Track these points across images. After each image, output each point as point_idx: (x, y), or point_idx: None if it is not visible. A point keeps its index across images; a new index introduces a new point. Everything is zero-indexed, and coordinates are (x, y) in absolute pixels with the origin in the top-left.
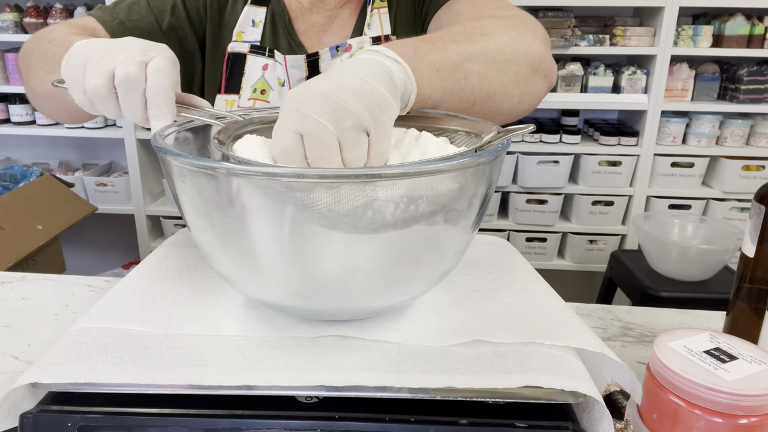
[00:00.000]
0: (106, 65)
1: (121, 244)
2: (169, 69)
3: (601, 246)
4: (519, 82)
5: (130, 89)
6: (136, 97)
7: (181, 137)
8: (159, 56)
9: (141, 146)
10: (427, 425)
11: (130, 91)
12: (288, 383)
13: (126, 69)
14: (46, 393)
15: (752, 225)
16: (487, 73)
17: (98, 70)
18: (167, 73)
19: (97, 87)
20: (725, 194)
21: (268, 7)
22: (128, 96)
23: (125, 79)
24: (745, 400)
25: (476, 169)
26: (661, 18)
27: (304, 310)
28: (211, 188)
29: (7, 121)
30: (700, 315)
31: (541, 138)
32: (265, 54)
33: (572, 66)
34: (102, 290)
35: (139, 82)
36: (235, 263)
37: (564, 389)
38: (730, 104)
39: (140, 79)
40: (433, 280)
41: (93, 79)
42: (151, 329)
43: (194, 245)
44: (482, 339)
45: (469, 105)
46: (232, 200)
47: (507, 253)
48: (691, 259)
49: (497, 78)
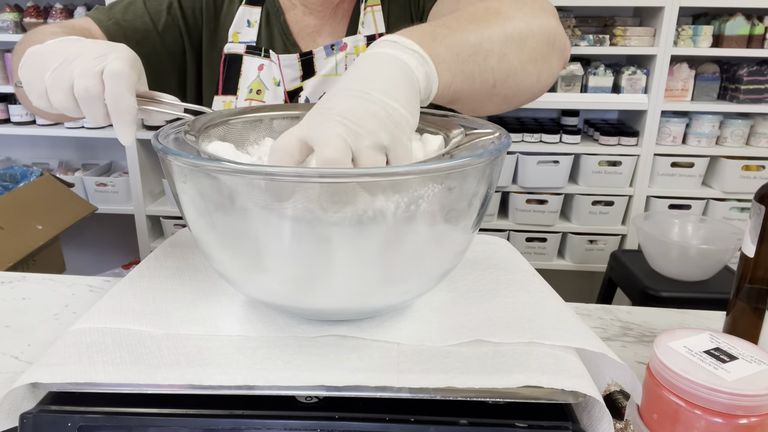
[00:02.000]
0: (65, 79)
1: (121, 244)
2: (126, 71)
3: (601, 246)
4: (537, 59)
5: (90, 102)
6: (98, 109)
7: (181, 137)
8: (114, 60)
9: (141, 146)
10: (427, 425)
11: (91, 103)
12: (288, 383)
13: (84, 83)
14: (46, 393)
15: (752, 225)
16: (506, 52)
17: (57, 84)
18: (124, 77)
19: (62, 102)
20: (725, 194)
21: (262, 7)
22: (90, 108)
23: (84, 93)
24: (745, 400)
25: (476, 169)
26: (661, 18)
27: (304, 310)
28: (211, 188)
29: (7, 121)
30: (700, 315)
31: (541, 138)
32: (260, 54)
33: (572, 66)
34: (102, 290)
35: (98, 93)
36: (235, 263)
37: (564, 389)
38: (730, 104)
39: (98, 89)
40: (433, 280)
41: (55, 95)
42: (151, 329)
43: (194, 245)
44: (482, 339)
45: (490, 87)
46: (232, 200)
47: (507, 253)
48: (691, 259)
49: (516, 56)
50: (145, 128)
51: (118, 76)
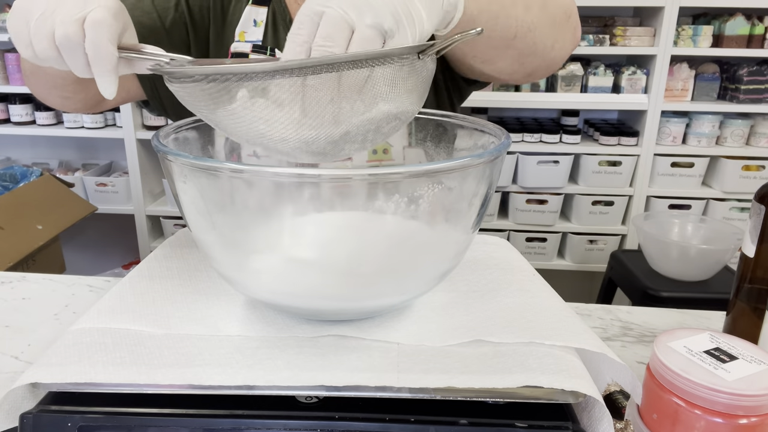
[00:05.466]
0: (47, 27)
1: (121, 244)
2: (107, 20)
3: (601, 246)
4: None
5: (71, 50)
6: (79, 56)
7: (181, 137)
8: (96, 9)
9: (141, 146)
10: (427, 425)
11: (72, 51)
12: (288, 383)
13: (64, 30)
14: (46, 393)
15: (752, 225)
16: (531, 5)
17: (40, 32)
18: (106, 25)
19: (45, 50)
20: (725, 194)
21: (269, 7)
22: (71, 56)
23: (65, 41)
24: (745, 400)
25: (476, 169)
26: (661, 18)
27: (304, 310)
28: (211, 188)
29: (7, 121)
30: (700, 315)
31: (541, 138)
32: (266, 53)
33: (572, 66)
34: (102, 290)
35: (78, 40)
36: (236, 263)
37: (564, 389)
38: (730, 104)
39: (79, 37)
40: (433, 281)
41: (39, 43)
42: (151, 329)
43: (194, 245)
44: (482, 339)
45: (510, 37)
46: (232, 200)
47: (507, 253)
48: (691, 259)
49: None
50: (145, 128)
51: (98, 25)
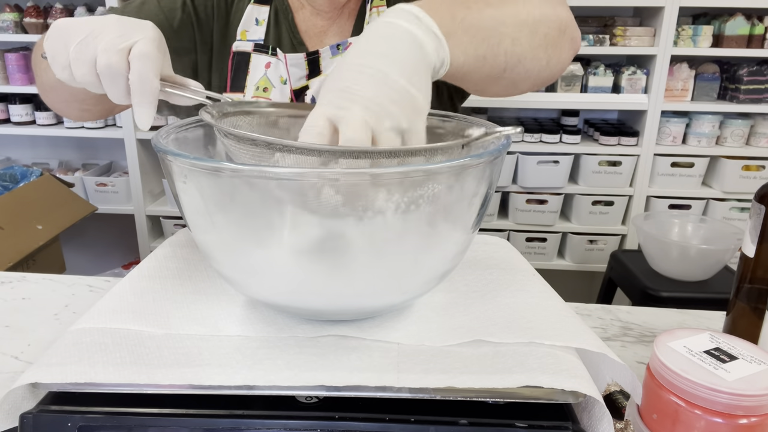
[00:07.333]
0: (88, 53)
1: (121, 244)
2: (153, 53)
3: (601, 246)
4: (548, 45)
5: (113, 78)
6: (120, 86)
7: (181, 137)
8: (142, 40)
9: (141, 146)
10: (427, 425)
11: (113, 80)
12: (288, 383)
13: (107, 59)
14: (46, 393)
15: (752, 225)
16: (519, 36)
17: (81, 57)
18: (152, 59)
19: (84, 75)
20: (725, 194)
21: (271, 5)
22: (112, 84)
23: (107, 70)
24: (745, 400)
25: (476, 170)
26: (661, 18)
27: (304, 310)
28: (211, 188)
29: (7, 121)
30: (700, 315)
31: (541, 138)
32: (268, 52)
33: (572, 66)
34: (102, 290)
35: (121, 71)
36: (236, 263)
37: (564, 389)
38: (730, 104)
39: (121, 67)
40: (433, 281)
41: (78, 68)
42: (151, 329)
43: (194, 245)
44: (482, 339)
45: (500, 71)
46: (232, 200)
47: (507, 253)
48: (691, 259)
49: (528, 41)
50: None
51: (145, 58)
